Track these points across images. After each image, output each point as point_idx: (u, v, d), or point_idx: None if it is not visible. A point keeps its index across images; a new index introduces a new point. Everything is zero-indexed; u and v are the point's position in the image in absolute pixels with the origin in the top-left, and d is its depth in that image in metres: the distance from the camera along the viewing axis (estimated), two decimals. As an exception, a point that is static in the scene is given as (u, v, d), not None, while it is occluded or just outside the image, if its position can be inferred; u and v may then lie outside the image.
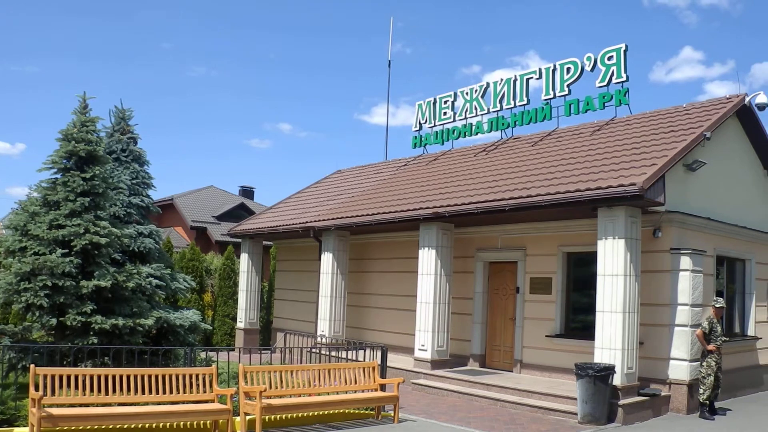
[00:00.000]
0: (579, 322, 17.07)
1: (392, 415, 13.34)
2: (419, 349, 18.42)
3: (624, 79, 18.65)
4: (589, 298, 15.67)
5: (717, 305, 15.31)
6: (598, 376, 13.43)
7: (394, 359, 18.28)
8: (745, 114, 18.13)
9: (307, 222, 22.78)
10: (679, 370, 15.04)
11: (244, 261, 26.60)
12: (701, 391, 14.80)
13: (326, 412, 12.97)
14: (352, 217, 20.93)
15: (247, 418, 11.68)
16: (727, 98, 17.78)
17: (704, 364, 14.89)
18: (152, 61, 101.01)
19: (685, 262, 15.18)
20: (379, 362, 14.22)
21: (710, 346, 14.86)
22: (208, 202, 46.89)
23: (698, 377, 14.95)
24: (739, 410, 15.66)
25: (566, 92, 19.98)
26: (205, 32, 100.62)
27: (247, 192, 53.31)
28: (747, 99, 17.72)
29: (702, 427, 13.87)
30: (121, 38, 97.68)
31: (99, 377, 10.88)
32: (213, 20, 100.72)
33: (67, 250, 13.10)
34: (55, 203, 13.63)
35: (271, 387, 12.29)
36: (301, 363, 15.99)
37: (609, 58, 18.89)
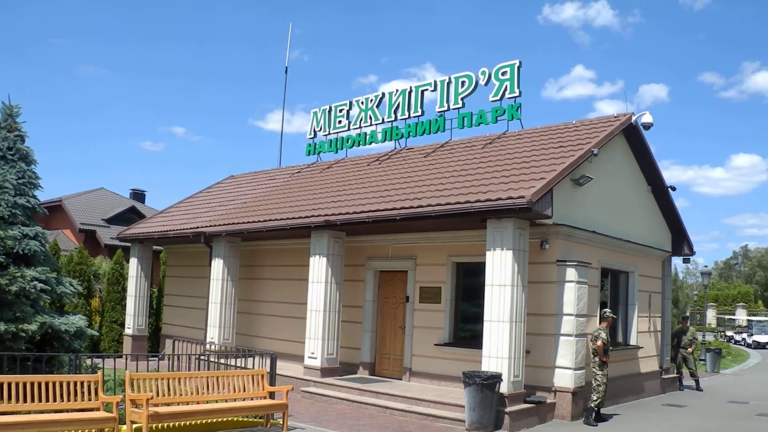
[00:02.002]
0: (467, 331, 17.31)
1: (281, 423, 13.27)
2: (309, 357, 18.39)
3: (517, 94, 19.01)
4: (478, 308, 15.90)
5: (612, 316, 16.02)
6: (486, 384, 13.64)
7: (284, 367, 18.18)
8: (631, 132, 18.74)
9: (198, 227, 22.53)
10: (564, 378, 15.42)
11: (133, 266, 26.11)
12: (595, 398, 15.32)
13: (214, 420, 12.80)
14: (244, 223, 20.80)
15: (134, 426, 11.45)
16: (615, 117, 18.32)
17: (600, 373, 15.46)
18: (42, 55, 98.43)
19: (571, 273, 15.57)
20: (268, 370, 14.11)
21: (605, 357, 15.49)
22: (98, 204, 45.93)
23: (593, 385, 15.45)
24: (622, 416, 16.20)
25: (460, 105, 20.27)
26: (98, 30, 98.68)
27: (139, 195, 52.42)
28: (634, 118, 18.32)
29: (584, 434, 14.30)
30: (8, 31, 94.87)
31: (-22, 384, 10.54)
32: (107, 19, 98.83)
33: (-55, 252, 12.65)
34: (-66, 202, 13.14)
35: (158, 395, 12.07)
36: (189, 370, 15.74)
37: (503, 74, 19.23)
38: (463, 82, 20.25)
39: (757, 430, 15.49)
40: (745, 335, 55.71)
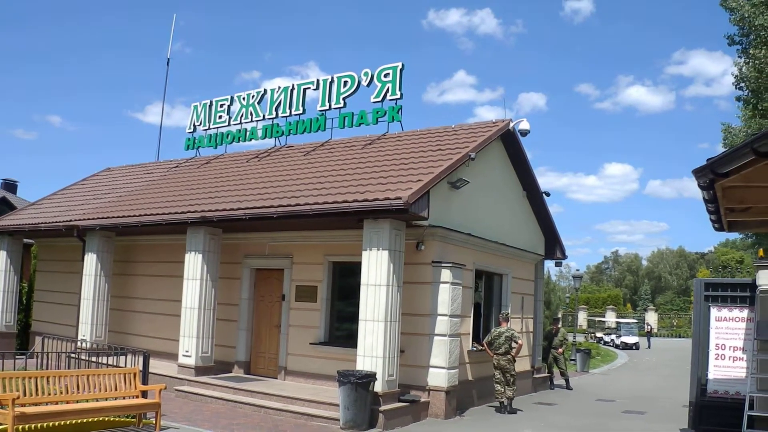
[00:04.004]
0: (343, 330, 17.37)
1: (154, 422, 13.03)
2: (183, 356, 18.12)
3: (398, 96, 19.23)
4: (354, 307, 15.92)
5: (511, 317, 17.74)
6: (360, 383, 13.72)
7: (158, 365, 17.87)
8: (509, 138, 19.16)
9: (71, 220, 21.90)
10: (438, 377, 15.62)
11: (1, 259, 25.19)
12: (512, 391, 17.07)
13: (85, 421, 12.41)
14: (119, 217, 20.36)
15: (-2, 428, 11.10)
16: (493, 122, 18.72)
17: (513, 368, 17.03)
18: None
19: (446, 274, 15.78)
20: (141, 368, 13.84)
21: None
22: (-34, 194, 44.18)
23: (510, 381, 16.94)
24: (494, 415, 16.66)
25: (342, 105, 20.39)
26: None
27: (10, 186, 50.47)
28: (511, 124, 18.74)
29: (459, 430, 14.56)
30: None
31: None
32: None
33: None
34: None
35: (25, 394, 11.65)
36: (59, 369, 15.35)
37: (385, 75, 19.42)
38: (345, 82, 20.36)
39: (623, 427, 16.04)
40: (613, 336, 57.67)
